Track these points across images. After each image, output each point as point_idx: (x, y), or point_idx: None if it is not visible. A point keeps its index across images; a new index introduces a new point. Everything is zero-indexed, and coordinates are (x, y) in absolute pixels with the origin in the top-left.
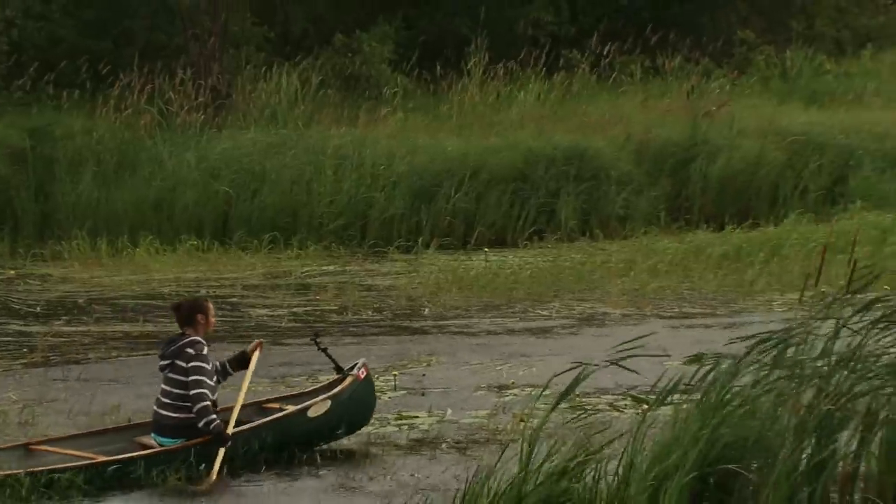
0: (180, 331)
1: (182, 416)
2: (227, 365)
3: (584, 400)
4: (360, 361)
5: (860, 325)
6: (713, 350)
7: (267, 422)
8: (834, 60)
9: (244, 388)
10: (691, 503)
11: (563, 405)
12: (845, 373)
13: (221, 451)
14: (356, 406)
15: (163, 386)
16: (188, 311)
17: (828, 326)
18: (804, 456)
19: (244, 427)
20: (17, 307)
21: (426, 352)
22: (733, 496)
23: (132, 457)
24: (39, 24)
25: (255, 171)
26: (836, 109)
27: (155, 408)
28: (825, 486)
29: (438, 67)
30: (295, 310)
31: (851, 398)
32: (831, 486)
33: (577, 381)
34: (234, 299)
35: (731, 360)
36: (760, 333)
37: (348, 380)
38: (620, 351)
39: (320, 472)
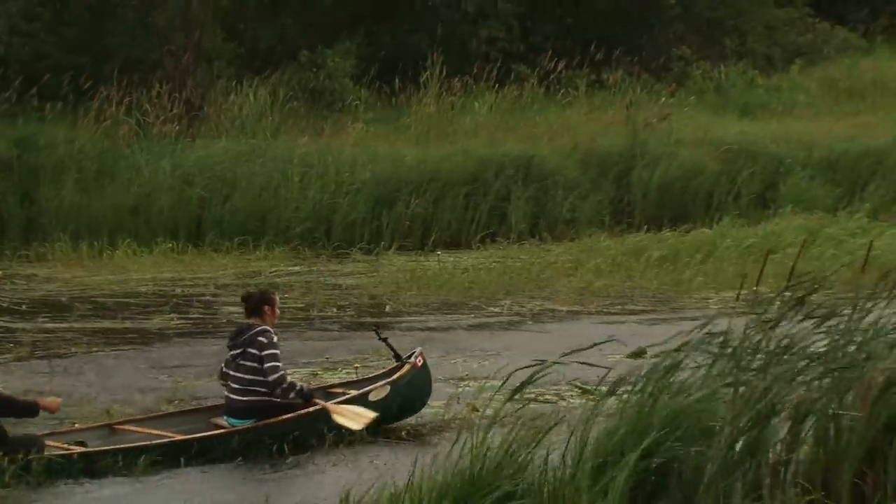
0: (247, 320)
1: (252, 399)
2: None
3: (535, 391)
4: (417, 350)
5: (797, 321)
6: (654, 344)
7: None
8: (765, 75)
9: None
10: (633, 487)
11: (515, 396)
12: (779, 366)
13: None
14: (413, 391)
15: (233, 373)
16: (256, 303)
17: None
18: (739, 443)
19: (315, 408)
20: (3, 305)
21: (385, 346)
22: (672, 480)
23: (208, 436)
24: (24, 41)
25: (226, 178)
26: (767, 120)
27: (226, 392)
28: (758, 471)
29: (397, 81)
30: None
31: (784, 389)
32: (765, 470)
33: (531, 377)
34: (207, 298)
35: (671, 353)
36: (698, 329)
37: (406, 367)
38: (571, 347)
39: (282, 459)
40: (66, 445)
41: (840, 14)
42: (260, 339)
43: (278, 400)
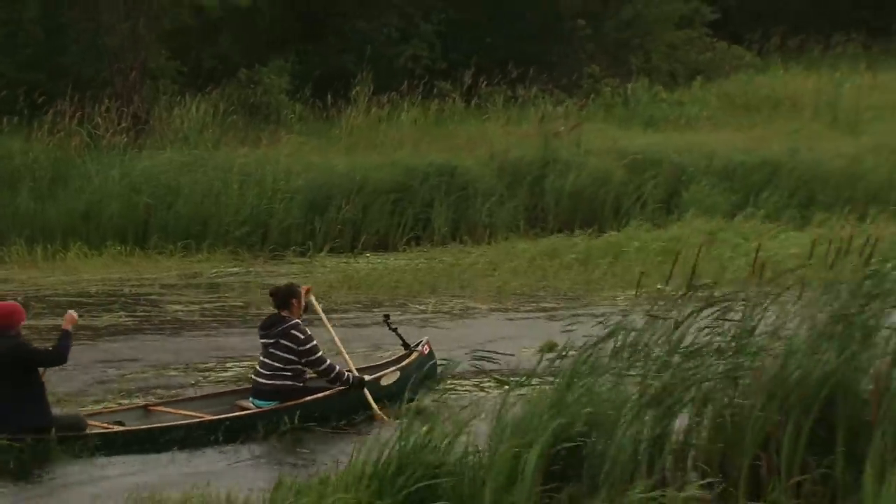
0: (276, 312)
1: (277, 383)
2: None
3: (455, 382)
4: (424, 339)
5: (696, 316)
6: (566, 339)
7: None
8: (668, 90)
9: (331, 329)
10: (547, 471)
11: (438, 388)
12: (680, 357)
13: (367, 392)
14: (420, 377)
15: (263, 359)
16: (284, 296)
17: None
18: (645, 430)
19: (332, 391)
20: None
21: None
22: (583, 464)
23: (235, 416)
24: None
25: (170, 186)
26: (670, 132)
27: (253, 376)
28: (661, 456)
29: (329, 97)
30: (206, 305)
31: (685, 380)
32: (667, 456)
33: (452, 367)
34: (153, 297)
35: (581, 347)
36: (607, 325)
37: (414, 354)
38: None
39: (224, 447)
40: (106, 425)
41: (736, 34)
42: (294, 332)
43: (301, 385)
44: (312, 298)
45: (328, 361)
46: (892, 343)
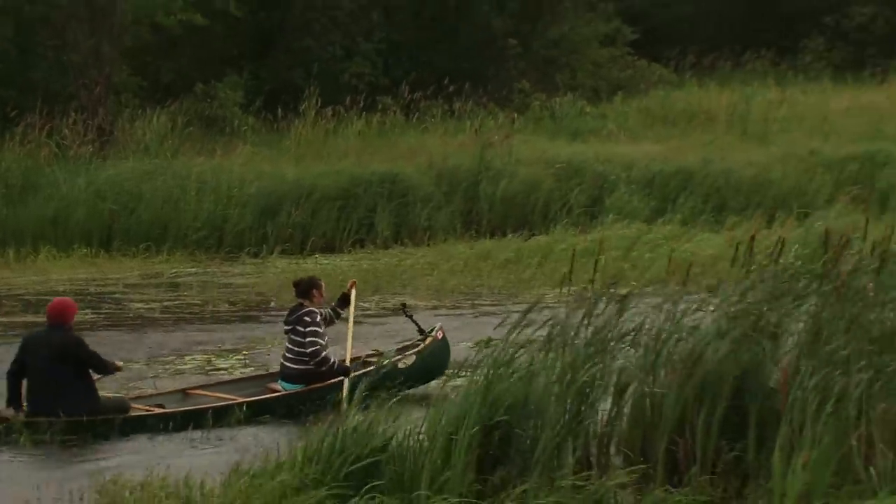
0: (299, 302)
1: (301, 367)
2: (335, 308)
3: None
4: (438, 325)
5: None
6: (497, 333)
7: (369, 370)
8: (592, 105)
9: (350, 323)
10: (480, 454)
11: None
12: (602, 349)
13: (346, 382)
14: (435, 360)
15: (287, 345)
16: (306, 287)
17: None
18: (568, 417)
19: (357, 374)
20: None
21: (271, 335)
22: (513, 449)
23: (266, 398)
24: None
25: (133, 193)
26: (594, 143)
27: (282, 361)
28: (586, 442)
29: (279, 110)
30: (165, 303)
31: (607, 370)
32: (591, 441)
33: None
34: (117, 295)
35: (512, 340)
36: (534, 320)
37: (429, 340)
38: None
39: (175, 434)
40: (147, 407)
41: (655, 53)
42: (305, 318)
43: (324, 369)
44: (354, 292)
45: (318, 348)
46: (797, 335)
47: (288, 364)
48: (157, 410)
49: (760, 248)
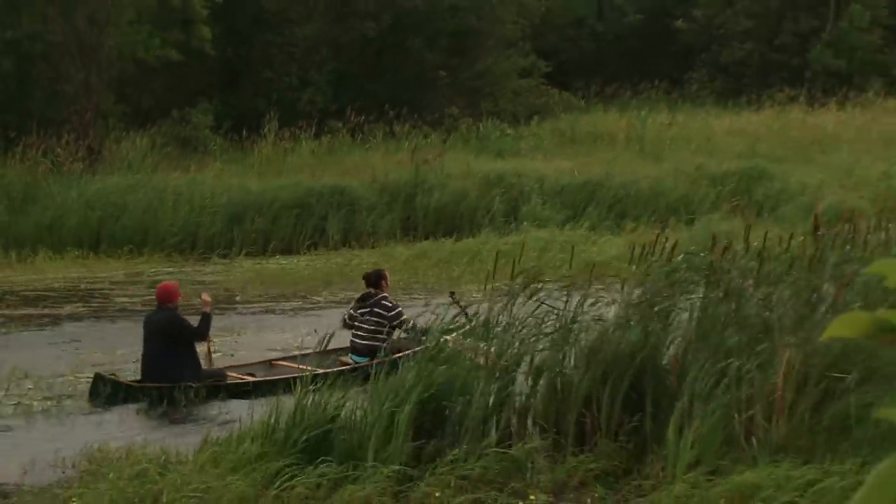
0: (369, 290)
1: (371, 343)
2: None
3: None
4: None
5: (532, 302)
6: (431, 323)
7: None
8: (512, 127)
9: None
10: (417, 427)
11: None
12: (520, 335)
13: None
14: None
15: (359, 324)
16: (375, 278)
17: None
18: (492, 394)
19: (403, 353)
20: None
21: (239, 325)
22: (446, 422)
23: (339, 369)
24: None
25: (118, 203)
26: (512, 160)
27: (352, 338)
28: (508, 416)
29: (244, 132)
30: (146, 298)
31: (524, 352)
32: (512, 415)
33: (328, 339)
34: (104, 291)
35: (443, 328)
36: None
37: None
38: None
39: (144, 409)
40: (241, 376)
41: (565, 82)
42: (384, 303)
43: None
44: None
45: (405, 320)
46: (686, 323)
47: (359, 341)
48: (249, 378)
49: (655, 249)
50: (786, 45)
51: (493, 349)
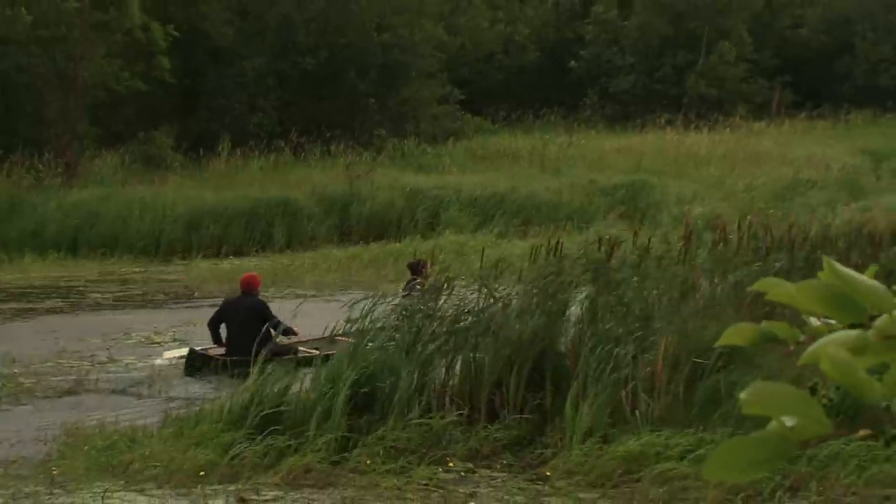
0: (412, 277)
1: None
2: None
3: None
4: None
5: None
6: (371, 315)
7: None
8: (432, 147)
9: None
10: (351, 406)
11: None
12: (439, 324)
13: None
14: None
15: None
16: (416, 266)
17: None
18: (415, 376)
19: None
20: None
21: (196, 317)
22: (377, 400)
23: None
24: None
25: (92, 213)
26: (432, 175)
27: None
28: (429, 394)
29: (201, 151)
30: (117, 294)
31: (444, 339)
32: (432, 394)
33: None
34: (80, 288)
35: (373, 319)
36: (390, 305)
37: None
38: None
39: (121, 387)
40: (309, 350)
41: (477, 108)
42: (418, 286)
43: None
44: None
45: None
46: (578, 313)
47: None
48: (315, 352)
49: (550, 250)
50: (665, 76)
51: (417, 336)
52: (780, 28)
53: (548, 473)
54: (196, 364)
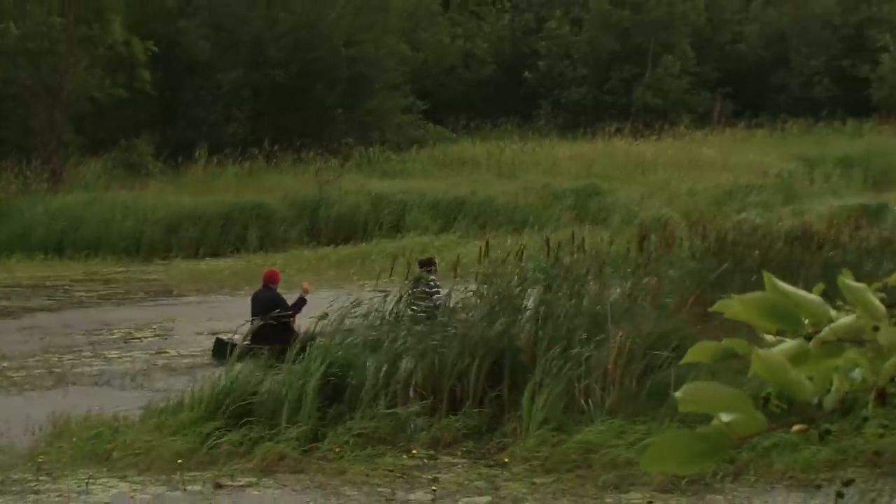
0: (420, 273)
1: (424, 315)
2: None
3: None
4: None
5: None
6: (336, 309)
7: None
8: (396, 154)
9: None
10: (322, 398)
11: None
12: (402, 321)
13: None
14: None
15: (413, 300)
16: (426, 263)
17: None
18: (384, 369)
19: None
20: None
21: (175, 315)
22: (346, 390)
23: None
24: None
25: (77, 216)
26: (397, 180)
27: (413, 309)
28: (395, 385)
29: (180, 158)
30: (101, 292)
31: (408, 336)
32: (399, 385)
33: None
34: (66, 286)
35: (342, 316)
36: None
37: None
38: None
39: (104, 380)
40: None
41: (439, 118)
42: (430, 281)
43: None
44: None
45: (443, 300)
46: (539, 311)
47: (419, 312)
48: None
49: (505, 251)
50: (614, 88)
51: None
52: (721, 43)
53: (506, 460)
54: (222, 351)
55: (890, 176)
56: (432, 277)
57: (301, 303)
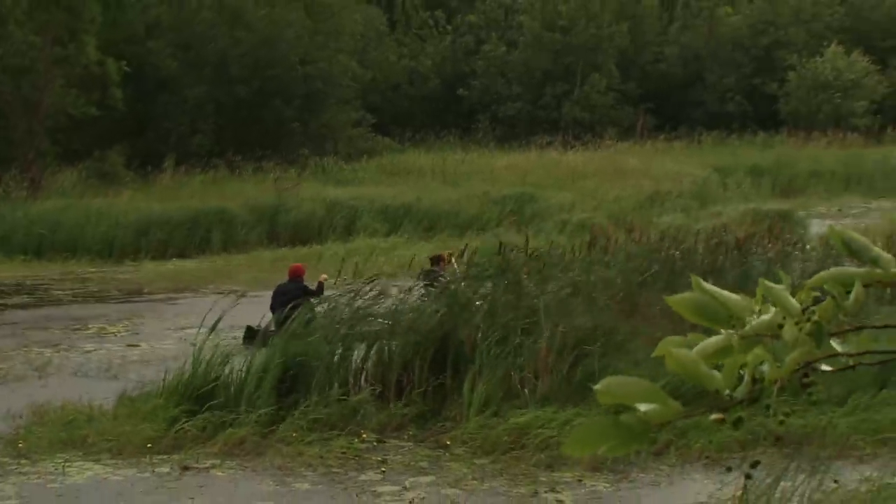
0: (431, 267)
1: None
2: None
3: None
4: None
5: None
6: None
7: None
8: (348, 164)
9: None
10: (281, 383)
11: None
12: (358, 316)
13: None
14: None
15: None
16: (436, 258)
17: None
18: (336, 357)
19: None
20: None
21: (145, 311)
22: (301, 381)
23: None
24: None
25: (54, 221)
26: (349, 188)
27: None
28: (347, 375)
29: (149, 167)
30: (77, 291)
31: (363, 328)
32: (349, 374)
33: (216, 323)
34: (45, 286)
35: (312, 311)
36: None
37: None
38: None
39: (80, 372)
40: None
41: (387, 130)
42: (441, 276)
43: None
44: (454, 261)
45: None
46: (480, 307)
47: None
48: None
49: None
50: (546, 103)
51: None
52: (643, 63)
53: (448, 443)
54: (253, 337)
55: (795, 184)
56: (442, 270)
57: (321, 289)
